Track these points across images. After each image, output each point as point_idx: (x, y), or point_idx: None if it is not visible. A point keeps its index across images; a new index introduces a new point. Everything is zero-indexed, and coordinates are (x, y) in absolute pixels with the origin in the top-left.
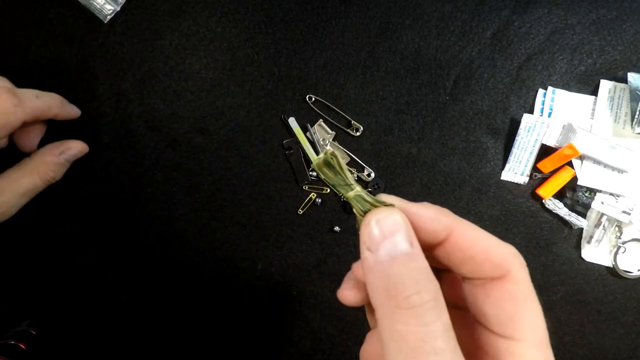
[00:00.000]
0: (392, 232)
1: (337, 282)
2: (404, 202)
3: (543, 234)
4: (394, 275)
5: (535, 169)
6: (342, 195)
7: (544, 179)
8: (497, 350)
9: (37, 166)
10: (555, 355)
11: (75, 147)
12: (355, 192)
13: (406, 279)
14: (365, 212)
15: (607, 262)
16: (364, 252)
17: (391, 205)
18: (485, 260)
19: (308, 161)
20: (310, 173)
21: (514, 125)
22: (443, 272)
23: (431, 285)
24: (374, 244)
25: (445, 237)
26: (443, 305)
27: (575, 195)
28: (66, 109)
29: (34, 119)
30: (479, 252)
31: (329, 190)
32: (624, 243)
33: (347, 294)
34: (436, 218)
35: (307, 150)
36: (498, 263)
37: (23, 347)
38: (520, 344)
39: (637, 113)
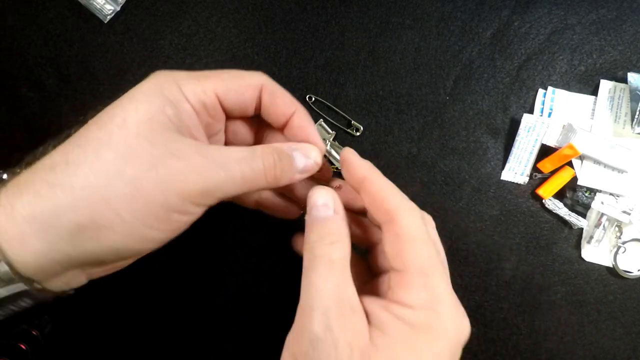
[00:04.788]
0: (317, 202)
1: None
2: (347, 152)
3: (543, 234)
4: (316, 224)
5: (535, 169)
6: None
7: (544, 179)
8: (392, 281)
9: (261, 146)
10: (555, 355)
11: (314, 152)
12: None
13: (322, 228)
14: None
15: (607, 262)
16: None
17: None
18: (380, 206)
19: None
20: None
21: (514, 125)
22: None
23: (338, 231)
24: (309, 208)
25: (361, 180)
26: (343, 244)
27: (575, 195)
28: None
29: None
30: (377, 198)
31: None
32: (624, 243)
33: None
34: (358, 164)
35: None
36: (387, 209)
37: (23, 347)
38: (405, 274)
39: (637, 113)
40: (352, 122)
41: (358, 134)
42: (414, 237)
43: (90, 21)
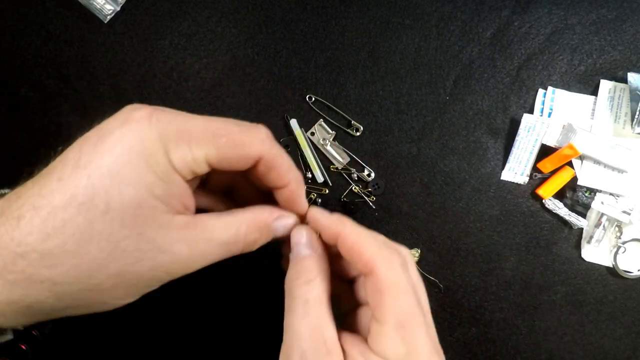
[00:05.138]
0: (299, 241)
1: None
2: (314, 213)
3: (543, 234)
4: (294, 263)
5: (535, 169)
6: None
7: (544, 179)
8: (372, 329)
9: (247, 220)
10: (555, 355)
11: (292, 220)
12: None
13: (299, 266)
14: None
15: (607, 262)
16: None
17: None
18: (358, 259)
19: (305, 161)
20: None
21: (514, 125)
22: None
23: (314, 270)
24: (291, 247)
25: (335, 237)
26: (320, 282)
27: (575, 195)
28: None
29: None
30: (355, 252)
31: (327, 191)
32: (624, 243)
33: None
34: (327, 224)
35: (305, 154)
36: (365, 261)
37: (23, 347)
38: (384, 325)
39: (637, 113)
40: (352, 122)
41: (358, 134)
42: (393, 289)
43: (90, 21)
